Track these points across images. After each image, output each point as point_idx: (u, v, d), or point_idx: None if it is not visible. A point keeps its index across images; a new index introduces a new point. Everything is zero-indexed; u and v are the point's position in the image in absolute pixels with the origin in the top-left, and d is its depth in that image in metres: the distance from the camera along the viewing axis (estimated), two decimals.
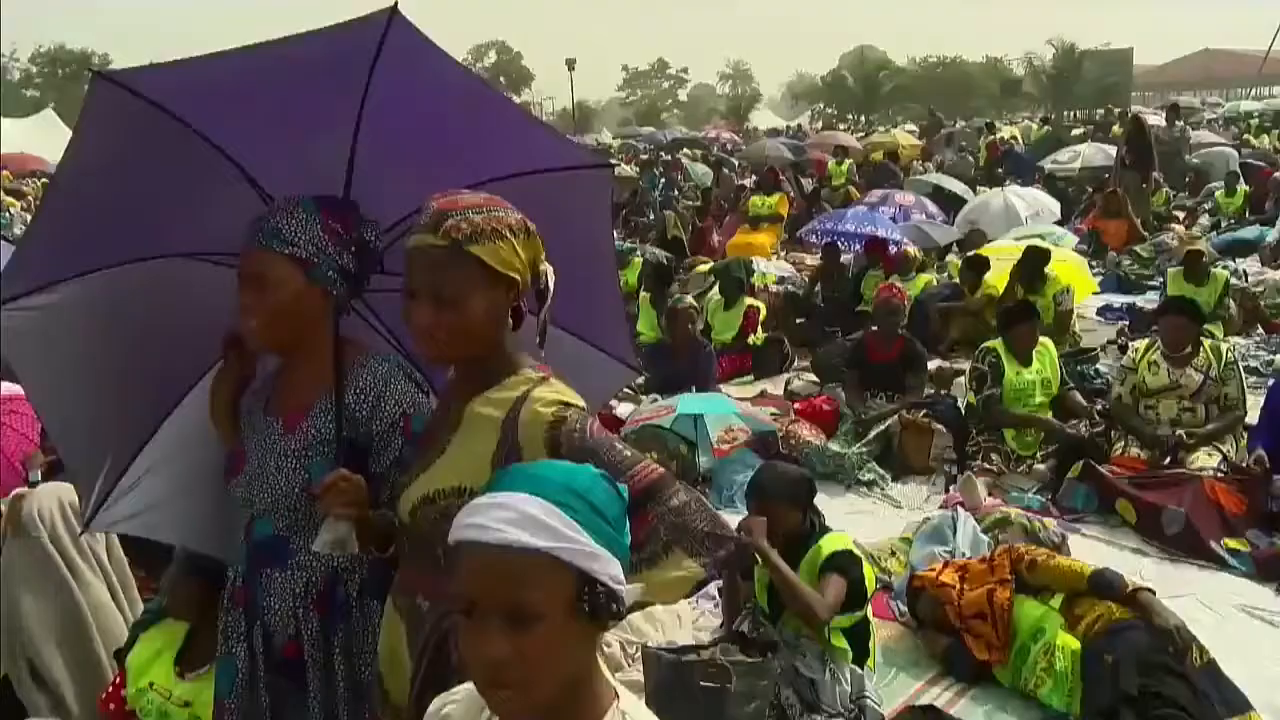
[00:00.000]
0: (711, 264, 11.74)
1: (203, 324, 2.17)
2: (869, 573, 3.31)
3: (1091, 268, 11.42)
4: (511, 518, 1.07)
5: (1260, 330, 8.21)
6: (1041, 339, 5.59)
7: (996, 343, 5.58)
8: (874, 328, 6.36)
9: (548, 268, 1.73)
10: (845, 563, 3.15)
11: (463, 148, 2.12)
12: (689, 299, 6.59)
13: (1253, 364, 7.12)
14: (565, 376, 1.81)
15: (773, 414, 5.97)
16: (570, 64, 51.81)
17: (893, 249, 8.65)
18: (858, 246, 9.17)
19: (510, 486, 1.11)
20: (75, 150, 1.98)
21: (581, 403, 1.66)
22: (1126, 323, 8.60)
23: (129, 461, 2.27)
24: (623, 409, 6.44)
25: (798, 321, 8.94)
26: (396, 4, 1.75)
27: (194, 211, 2.13)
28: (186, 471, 2.29)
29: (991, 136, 21.65)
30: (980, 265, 8.00)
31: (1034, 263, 7.68)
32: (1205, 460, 4.94)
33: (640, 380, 6.94)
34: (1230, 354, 5.38)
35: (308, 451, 1.93)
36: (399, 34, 1.76)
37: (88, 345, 2.14)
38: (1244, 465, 4.64)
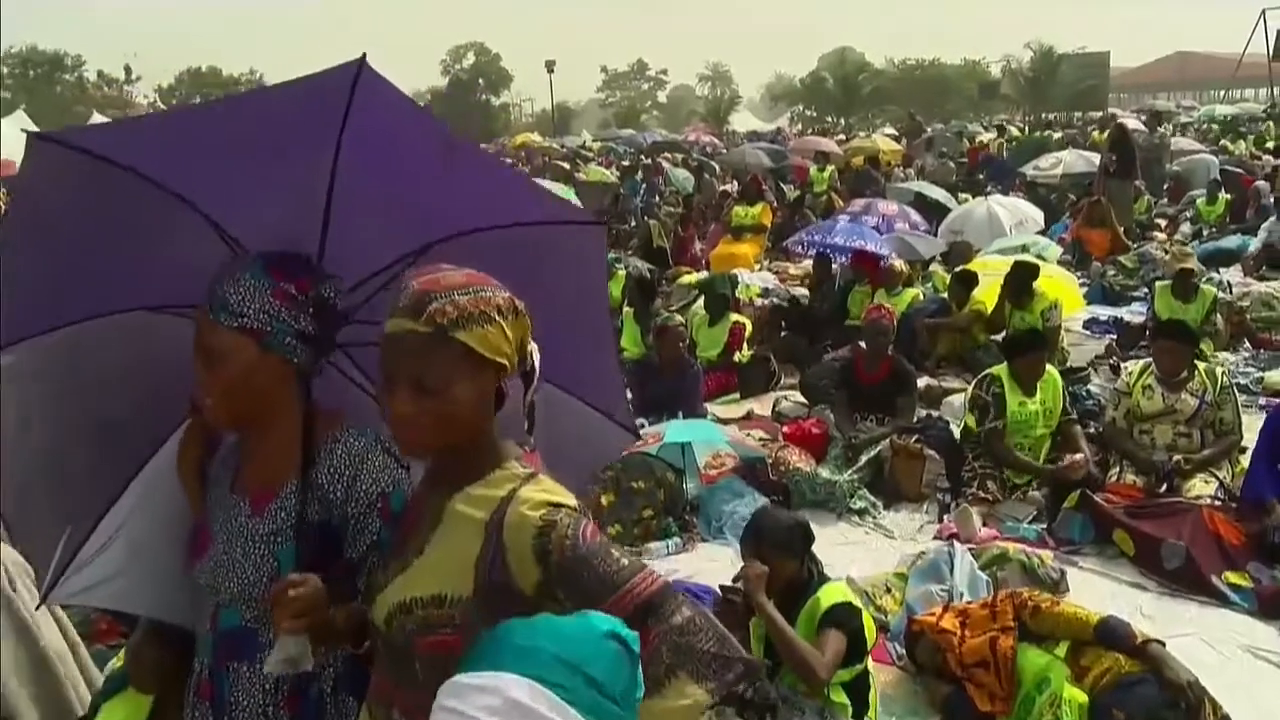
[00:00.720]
0: (695, 276, 11.66)
1: (169, 380, 2.03)
2: (868, 623, 3.19)
3: (1076, 278, 11.41)
4: (495, 705, 0.93)
5: (1247, 344, 8.17)
6: (1049, 369, 5.46)
7: (1000, 370, 5.45)
8: (862, 345, 6.26)
9: (534, 346, 1.60)
10: (844, 616, 3.03)
11: (440, 198, 1.99)
12: (678, 317, 6.45)
13: (1242, 380, 7.05)
14: (557, 456, 1.68)
15: (761, 439, 5.84)
16: (550, 66, 51.63)
17: (881, 263, 8.54)
18: (844, 259, 9.06)
19: (496, 661, 0.97)
20: (21, 208, 1.83)
21: (572, 501, 1.51)
22: (1114, 337, 8.54)
23: (91, 528, 2.12)
24: None
25: (783, 335, 8.84)
26: (365, 55, 1.63)
27: (157, 262, 1.98)
28: (154, 538, 2.12)
29: (1000, 139, 21.63)
30: (969, 280, 7.91)
31: (1022, 278, 7.60)
32: (1202, 488, 4.86)
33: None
34: (1225, 378, 5.32)
35: (277, 537, 1.78)
36: (370, 83, 1.63)
37: (47, 408, 2.00)
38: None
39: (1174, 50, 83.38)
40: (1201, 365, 5.34)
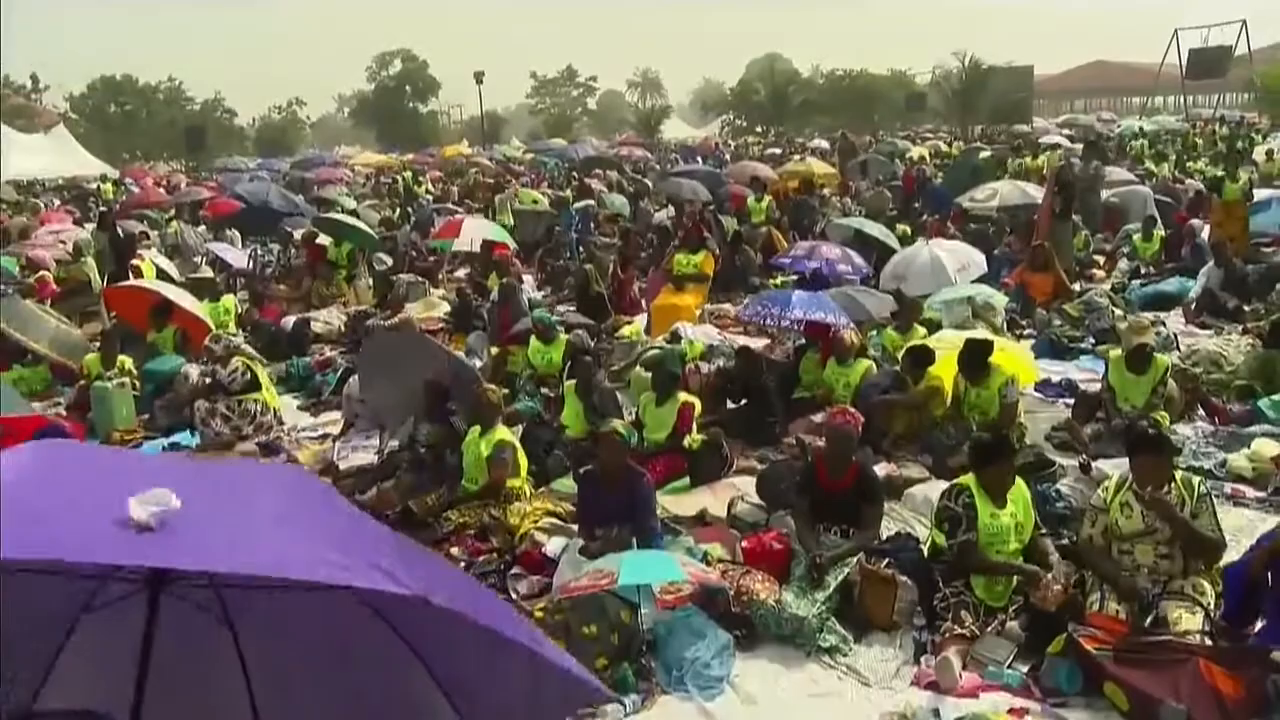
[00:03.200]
0: (636, 328, 11.27)
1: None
2: None
3: (1021, 326, 11.29)
4: None
5: (1201, 411, 8.02)
6: (1018, 481, 5.18)
7: (968, 480, 5.15)
8: (816, 417, 5.89)
9: None
10: None
11: None
12: (616, 423, 5.98)
13: (1205, 464, 6.87)
14: None
15: (721, 559, 5.44)
16: (479, 77, 50.82)
17: (832, 333, 8.22)
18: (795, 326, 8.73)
19: None
20: None
21: None
22: (1069, 403, 8.34)
23: None
24: (553, 545, 5.86)
25: (730, 406, 8.47)
26: None
27: None
28: None
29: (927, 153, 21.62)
30: (924, 357, 7.61)
31: (977, 355, 7.34)
32: (1189, 620, 4.59)
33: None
34: (1202, 486, 5.04)
35: None
36: None
37: None
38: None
39: (1092, 59, 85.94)
40: (1179, 475, 5.07)
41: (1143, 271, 13.90)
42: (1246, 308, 11.24)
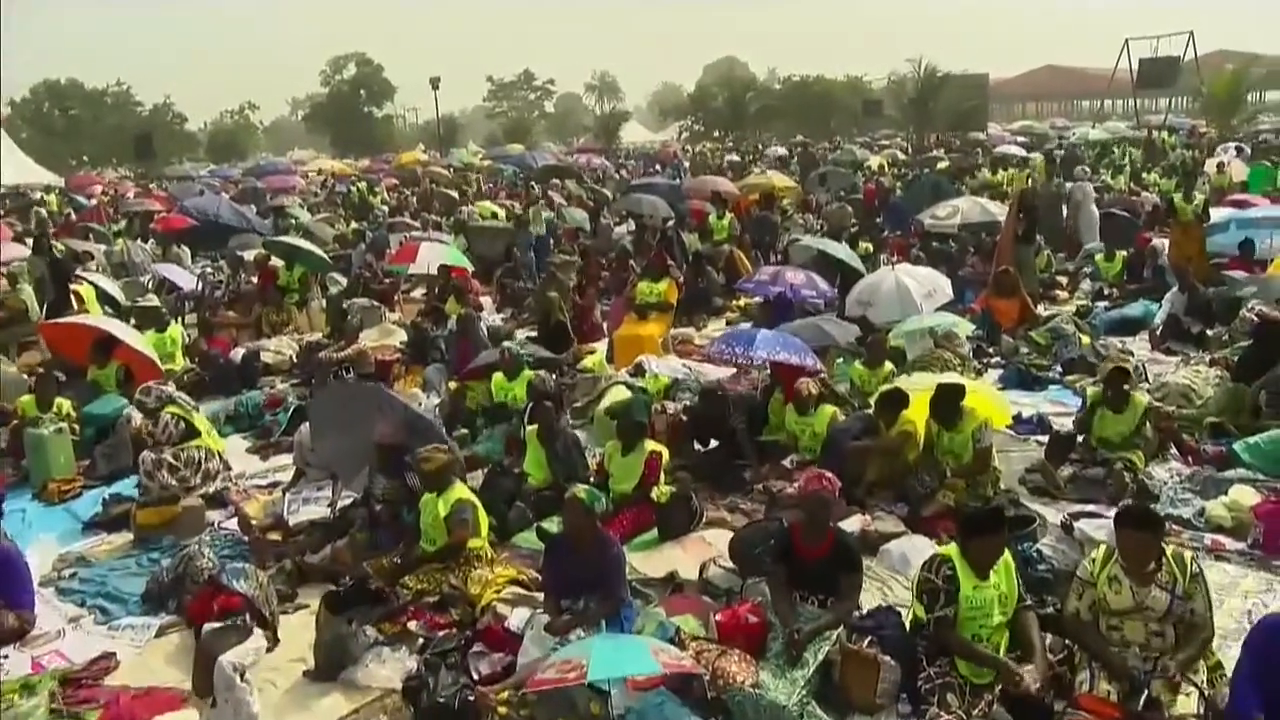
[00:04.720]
0: (598, 358, 11.00)
1: None
2: None
3: (988, 354, 11.18)
4: None
5: (1175, 451, 7.91)
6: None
7: (951, 550, 4.91)
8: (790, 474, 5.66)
9: None
10: None
11: None
12: (580, 488, 5.68)
13: (1184, 513, 6.73)
14: None
15: (695, 640, 5.16)
16: (434, 82, 50.22)
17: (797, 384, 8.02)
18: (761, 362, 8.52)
19: None
20: None
21: None
22: (1042, 443, 8.20)
23: None
24: (516, 617, 5.56)
25: (697, 448, 8.25)
26: None
27: None
28: None
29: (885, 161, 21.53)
30: (898, 400, 7.40)
31: (949, 400, 7.15)
32: (1184, 703, 4.41)
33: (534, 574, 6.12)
34: (1194, 564, 4.84)
35: None
36: None
37: None
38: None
39: (1043, 64, 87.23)
40: (1169, 551, 4.87)
41: (1105, 292, 13.91)
42: (1210, 332, 11.22)
